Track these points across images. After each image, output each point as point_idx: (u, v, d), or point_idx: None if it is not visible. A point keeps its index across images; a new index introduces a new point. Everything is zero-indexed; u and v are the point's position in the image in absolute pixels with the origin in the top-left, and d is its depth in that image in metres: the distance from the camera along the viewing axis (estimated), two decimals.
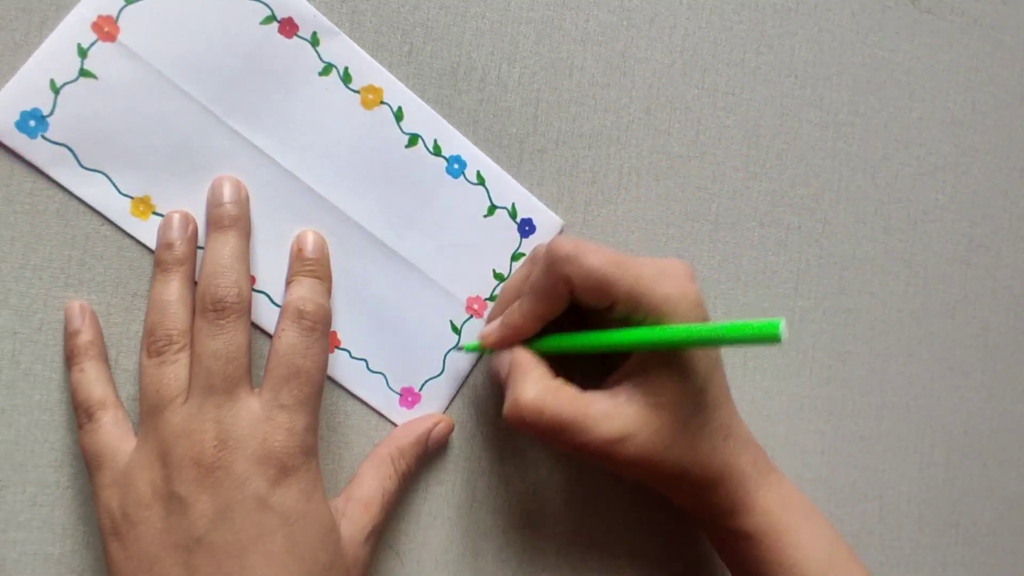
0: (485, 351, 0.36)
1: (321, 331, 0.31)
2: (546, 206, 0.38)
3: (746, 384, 0.42)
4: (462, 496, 0.37)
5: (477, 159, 0.37)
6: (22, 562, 0.32)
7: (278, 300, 0.34)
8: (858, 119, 0.44)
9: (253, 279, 0.34)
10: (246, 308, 0.31)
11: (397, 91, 0.35)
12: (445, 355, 0.37)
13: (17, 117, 0.31)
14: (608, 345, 0.31)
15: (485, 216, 0.37)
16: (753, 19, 0.41)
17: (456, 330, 0.37)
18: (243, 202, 0.33)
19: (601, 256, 0.31)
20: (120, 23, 0.32)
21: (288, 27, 0.34)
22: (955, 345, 0.46)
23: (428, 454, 0.36)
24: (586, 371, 0.35)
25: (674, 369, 0.31)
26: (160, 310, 0.31)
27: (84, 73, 0.32)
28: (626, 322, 0.32)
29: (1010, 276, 0.47)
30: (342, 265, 0.35)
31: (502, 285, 0.37)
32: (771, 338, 0.26)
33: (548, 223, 0.38)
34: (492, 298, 0.37)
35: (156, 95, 0.32)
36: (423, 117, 0.36)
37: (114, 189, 0.32)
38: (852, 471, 0.44)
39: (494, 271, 0.37)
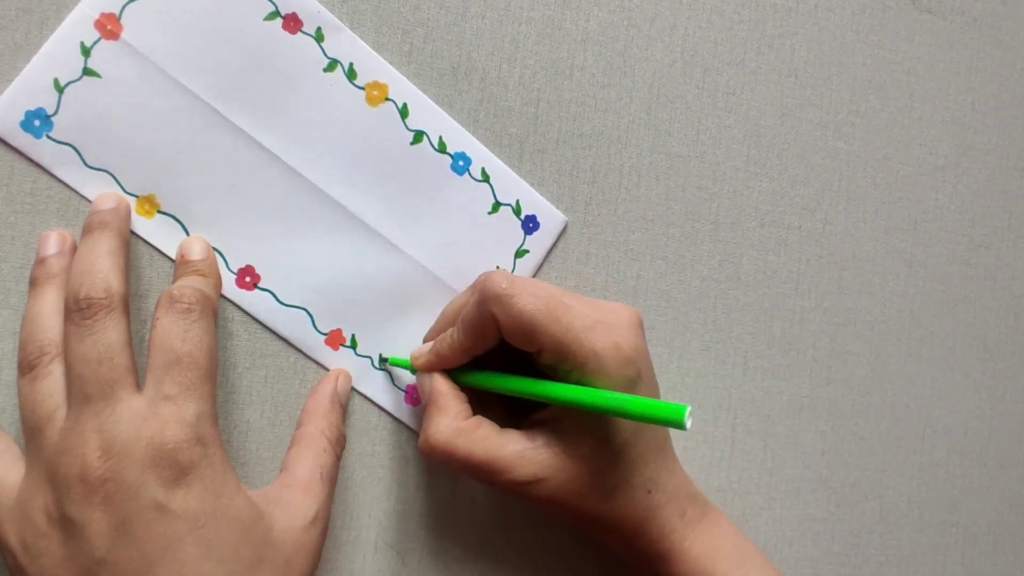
0: (412, 370, 0.34)
1: (199, 312, 0.29)
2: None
3: (746, 384, 0.42)
4: (462, 496, 0.37)
5: (482, 156, 0.37)
6: None
7: (283, 299, 0.34)
8: (858, 119, 0.44)
9: (258, 277, 0.34)
10: (117, 305, 0.28)
11: (402, 87, 0.35)
12: None
13: (22, 117, 0.31)
14: (526, 393, 0.31)
15: (489, 213, 0.37)
16: (753, 19, 0.41)
17: None
18: (122, 211, 0.31)
19: (533, 301, 0.30)
20: (123, 20, 0.32)
21: (292, 23, 0.34)
22: (955, 345, 0.46)
23: (344, 408, 0.35)
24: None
25: (596, 423, 0.31)
26: (30, 324, 0.29)
27: (88, 72, 0.31)
28: (553, 370, 0.31)
29: (1010, 276, 0.47)
30: (346, 262, 0.35)
31: (444, 306, 0.36)
32: (676, 423, 0.26)
33: (552, 220, 0.38)
34: None
35: (160, 93, 0.32)
36: (428, 114, 0.36)
37: (119, 188, 0.32)
38: (852, 471, 0.44)
39: (498, 268, 0.37)
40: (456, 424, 0.31)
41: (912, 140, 0.45)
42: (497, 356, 0.33)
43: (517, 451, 0.31)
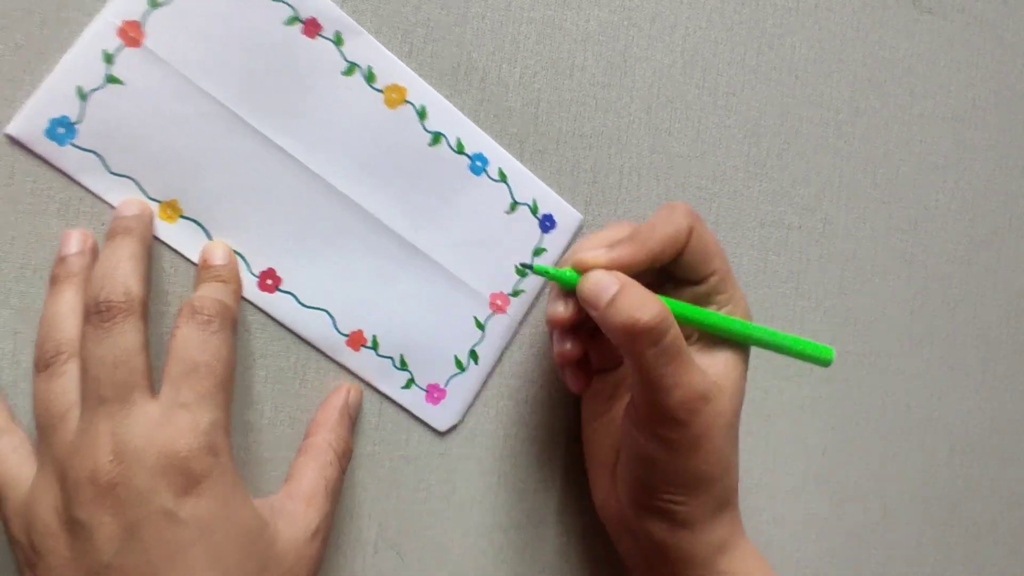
0: (566, 275, 0.32)
1: (219, 324, 0.29)
2: (567, 202, 0.38)
3: (747, 384, 0.42)
4: (462, 496, 0.37)
5: (499, 156, 0.37)
6: None
7: (305, 301, 0.34)
8: (859, 118, 0.44)
9: (280, 280, 0.34)
10: (136, 309, 0.28)
11: (420, 90, 0.36)
12: (470, 351, 0.37)
13: (47, 125, 0.31)
14: (701, 322, 0.33)
15: (507, 213, 0.37)
16: (753, 18, 0.41)
17: (480, 326, 0.37)
18: (145, 218, 0.32)
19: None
20: (145, 28, 0.32)
21: (311, 27, 0.34)
22: (955, 345, 0.46)
23: (354, 423, 0.35)
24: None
25: (740, 358, 0.34)
26: (48, 323, 0.29)
27: (111, 79, 0.32)
28: (704, 298, 0.33)
29: (1010, 276, 0.47)
30: (367, 264, 0.35)
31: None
32: (824, 361, 0.33)
33: (569, 218, 0.38)
34: (515, 293, 0.37)
35: (182, 99, 0.32)
36: (446, 116, 0.36)
37: (142, 193, 0.33)
38: (852, 471, 0.44)
39: (516, 267, 0.38)
40: (664, 312, 0.30)
41: (912, 139, 0.45)
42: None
43: (697, 357, 0.32)
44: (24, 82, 0.31)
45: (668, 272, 0.33)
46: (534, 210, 0.38)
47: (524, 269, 0.36)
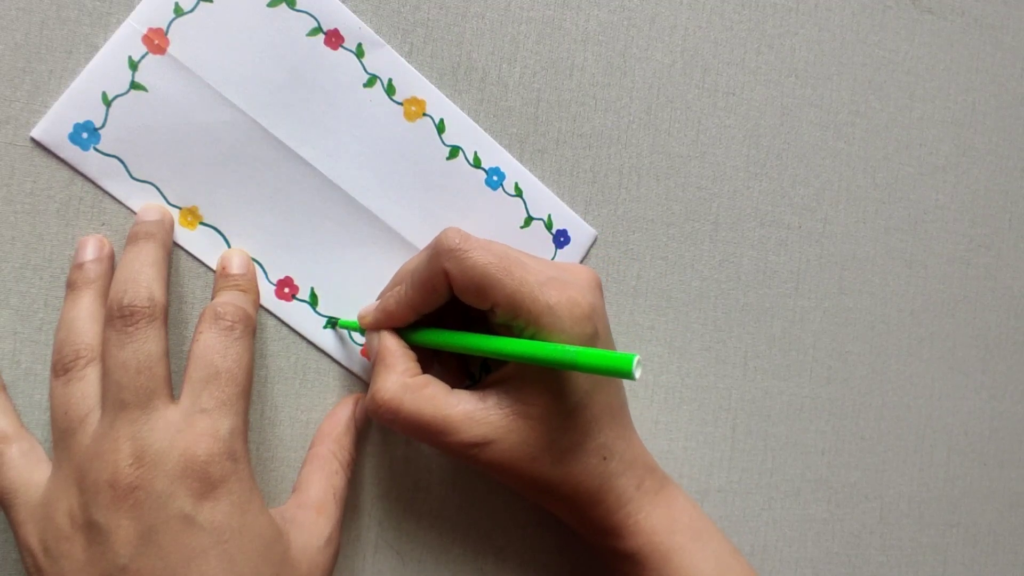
0: (361, 331, 0.34)
1: (241, 331, 0.29)
2: (581, 218, 0.38)
3: (746, 384, 0.42)
4: (462, 496, 0.37)
5: (516, 171, 0.37)
6: None
7: (321, 311, 0.35)
8: (858, 119, 0.44)
9: (297, 288, 0.34)
10: (159, 314, 0.28)
11: (439, 103, 0.36)
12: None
13: (70, 129, 0.32)
14: (474, 349, 0.30)
15: (522, 227, 0.37)
16: (753, 19, 0.41)
17: None
18: (166, 223, 0.32)
19: (486, 255, 0.29)
20: (170, 35, 0.32)
21: (334, 39, 0.34)
22: (955, 345, 0.46)
23: (360, 434, 0.35)
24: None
25: (549, 382, 0.30)
26: (67, 327, 0.29)
27: (135, 86, 0.32)
28: (508, 329, 0.30)
29: (1010, 276, 0.47)
30: (383, 274, 0.35)
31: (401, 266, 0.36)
32: (624, 373, 0.25)
33: (583, 234, 0.38)
34: None
35: (204, 107, 0.33)
36: (464, 129, 0.36)
37: (163, 200, 0.33)
38: (852, 471, 0.44)
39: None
40: (403, 381, 0.30)
41: (912, 140, 0.45)
42: (455, 322, 0.33)
43: (466, 411, 0.30)
44: (24, 82, 0.31)
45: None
46: (548, 225, 0.38)
47: (331, 326, 0.35)
